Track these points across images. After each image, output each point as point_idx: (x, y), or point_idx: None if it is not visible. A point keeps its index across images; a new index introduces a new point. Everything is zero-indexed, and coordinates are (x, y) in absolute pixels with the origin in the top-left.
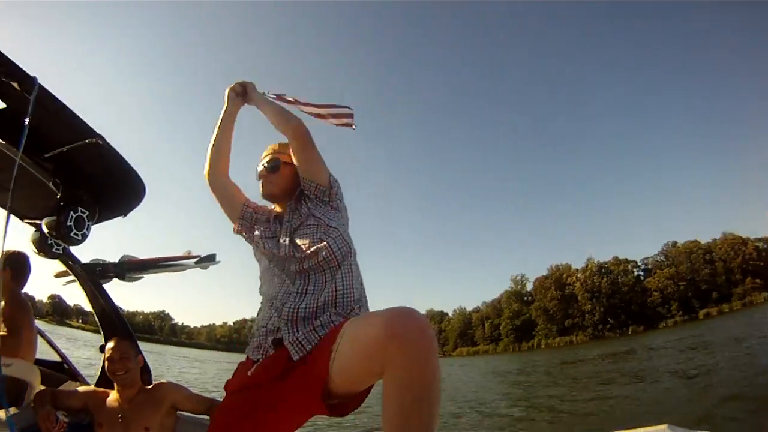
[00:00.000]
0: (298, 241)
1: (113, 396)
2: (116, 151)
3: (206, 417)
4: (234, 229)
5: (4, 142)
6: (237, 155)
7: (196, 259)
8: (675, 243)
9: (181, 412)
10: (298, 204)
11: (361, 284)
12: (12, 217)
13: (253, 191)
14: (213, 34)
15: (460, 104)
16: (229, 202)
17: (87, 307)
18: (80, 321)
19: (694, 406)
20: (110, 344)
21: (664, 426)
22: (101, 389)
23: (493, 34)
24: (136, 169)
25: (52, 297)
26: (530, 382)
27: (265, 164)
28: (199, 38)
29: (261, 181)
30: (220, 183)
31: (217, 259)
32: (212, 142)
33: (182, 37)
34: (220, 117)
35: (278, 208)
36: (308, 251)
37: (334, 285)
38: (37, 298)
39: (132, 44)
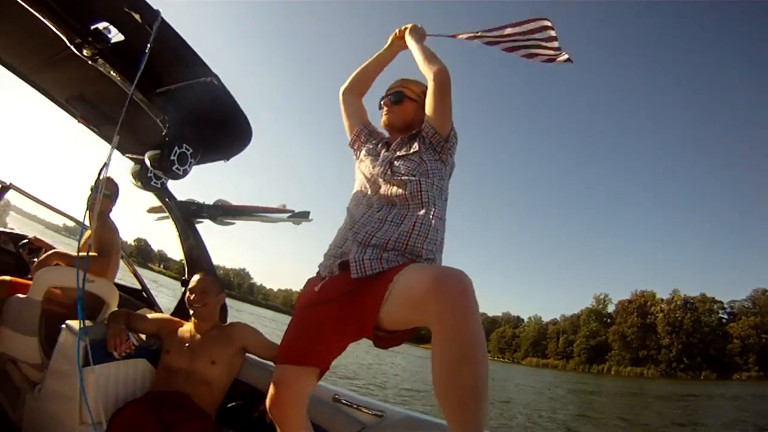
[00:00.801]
0: (395, 167)
1: (186, 326)
2: (229, 92)
3: (273, 364)
4: (349, 142)
5: (118, 76)
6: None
7: (289, 214)
8: (765, 291)
9: (249, 355)
10: (411, 140)
11: (441, 238)
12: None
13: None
14: None
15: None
16: (353, 118)
17: (170, 253)
18: (161, 266)
19: None
20: (196, 276)
21: None
22: (176, 319)
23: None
24: (246, 114)
25: (138, 240)
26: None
27: (390, 95)
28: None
29: (383, 111)
30: (352, 100)
31: (310, 217)
32: (362, 66)
33: None
34: (380, 51)
35: (392, 137)
36: (399, 178)
37: (412, 224)
38: (125, 239)
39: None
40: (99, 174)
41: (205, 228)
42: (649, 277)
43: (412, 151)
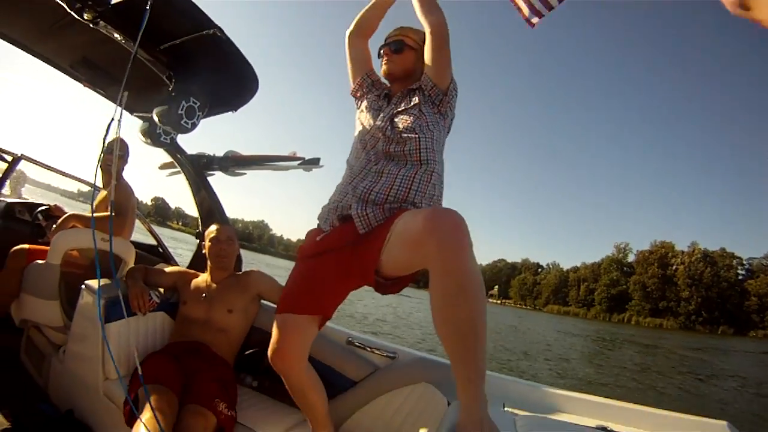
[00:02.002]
0: (395, 123)
1: (202, 277)
2: (233, 43)
3: None
4: (351, 90)
5: (120, 37)
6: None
7: (300, 161)
8: None
9: (265, 302)
10: (411, 94)
11: (438, 193)
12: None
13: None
14: None
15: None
16: (358, 64)
17: (187, 209)
18: (180, 223)
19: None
20: (216, 227)
21: (723, 423)
22: (191, 271)
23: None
24: (251, 63)
25: (156, 199)
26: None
27: (390, 43)
28: None
29: (382, 59)
30: (357, 44)
31: (321, 163)
32: (366, 7)
33: None
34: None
35: (393, 89)
36: (399, 135)
37: (411, 179)
38: (141, 199)
39: None
40: (107, 132)
41: (220, 182)
42: (668, 228)
43: (411, 104)
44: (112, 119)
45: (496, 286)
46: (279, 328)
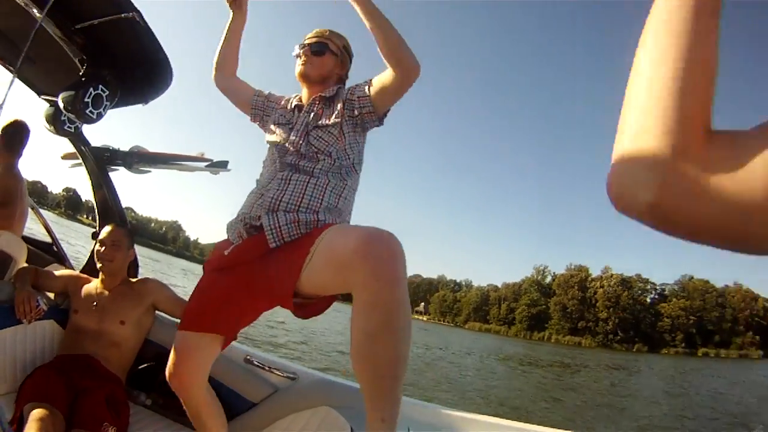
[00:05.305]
0: (310, 140)
1: (94, 284)
2: (151, 31)
3: None
4: (251, 118)
5: (31, 4)
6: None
7: (207, 163)
8: (691, 277)
9: (159, 314)
10: (331, 105)
11: (350, 209)
12: (29, 91)
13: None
14: None
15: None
16: (240, 97)
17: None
18: (91, 218)
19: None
20: (106, 228)
21: None
22: (84, 275)
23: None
24: (167, 54)
25: (67, 189)
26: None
27: (311, 45)
28: None
29: (299, 60)
30: (230, 84)
31: (229, 167)
32: (219, 49)
33: None
34: (228, 23)
35: (304, 95)
36: (314, 154)
37: (322, 189)
38: (51, 189)
39: None
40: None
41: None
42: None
43: (332, 122)
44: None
45: (422, 303)
46: (179, 346)
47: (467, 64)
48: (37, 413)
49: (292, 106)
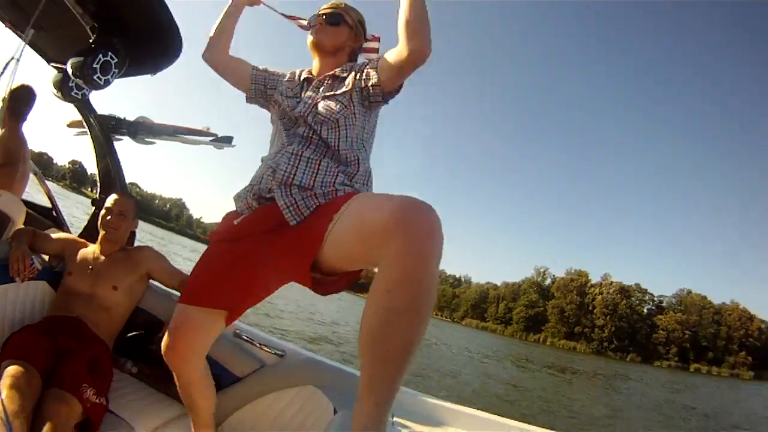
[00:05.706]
0: (320, 108)
1: (91, 248)
2: (164, 1)
3: (177, 293)
4: (246, 97)
5: None
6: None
7: (212, 137)
8: (690, 291)
9: (153, 283)
10: (342, 79)
11: (369, 183)
12: (39, 57)
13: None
14: None
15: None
16: (235, 73)
17: None
18: (95, 192)
19: None
20: (114, 196)
21: None
22: (81, 240)
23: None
24: (179, 25)
25: (73, 162)
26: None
27: (326, 15)
28: None
29: (313, 29)
30: (220, 59)
31: (234, 143)
32: (217, 24)
33: None
34: (225, 9)
35: (315, 67)
36: (320, 123)
37: (338, 163)
38: (57, 161)
39: None
40: (3, 70)
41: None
42: (585, 259)
43: (341, 92)
44: (12, 58)
45: None
46: (178, 320)
47: (467, 64)
48: (11, 370)
49: (301, 79)
